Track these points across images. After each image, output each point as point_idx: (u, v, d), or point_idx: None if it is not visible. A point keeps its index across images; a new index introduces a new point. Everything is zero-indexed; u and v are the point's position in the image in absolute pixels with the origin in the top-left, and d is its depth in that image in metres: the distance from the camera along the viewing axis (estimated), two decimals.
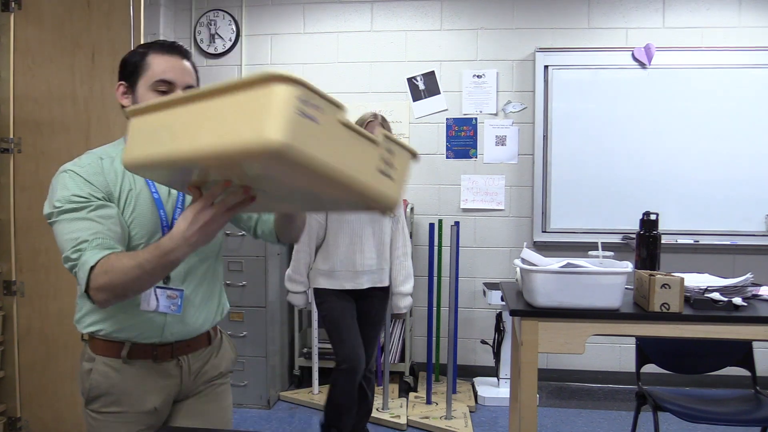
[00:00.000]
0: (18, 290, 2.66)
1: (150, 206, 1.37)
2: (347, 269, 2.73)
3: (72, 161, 1.38)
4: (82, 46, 2.65)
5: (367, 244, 2.74)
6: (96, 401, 1.38)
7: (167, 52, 1.38)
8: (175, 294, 1.41)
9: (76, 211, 1.27)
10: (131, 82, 1.38)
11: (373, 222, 2.76)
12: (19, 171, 2.65)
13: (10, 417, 2.65)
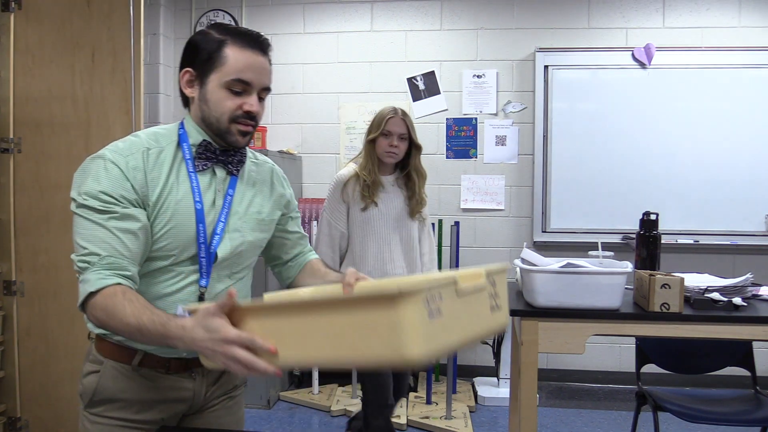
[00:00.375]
0: (18, 290, 2.66)
1: (190, 218, 1.23)
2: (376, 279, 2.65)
3: (113, 145, 1.22)
4: (82, 46, 2.65)
5: (395, 250, 2.57)
6: (99, 405, 1.27)
7: (248, 46, 1.23)
8: None
9: (97, 213, 1.15)
10: (201, 72, 1.23)
11: (401, 227, 2.58)
12: (19, 171, 2.65)
13: (10, 417, 2.65)
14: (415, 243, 2.62)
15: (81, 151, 2.66)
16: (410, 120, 2.56)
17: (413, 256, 2.61)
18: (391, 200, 2.56)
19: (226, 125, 1.23)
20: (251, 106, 1.23)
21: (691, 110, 3.80)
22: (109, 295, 1.10)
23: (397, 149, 2.52)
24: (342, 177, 2.58)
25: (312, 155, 4.11)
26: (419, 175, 2.59)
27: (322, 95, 4.09)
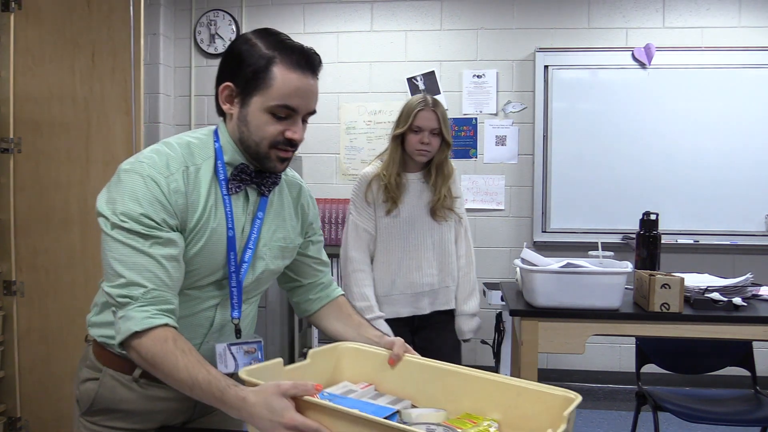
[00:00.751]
0: (18, 290, 2.66)
1: (221, 245, 1.16)
2: (402, 291, 2.25)
3: (148, 158, 1.10)
4: (82, 46, 2.65)
5: (426, 256, 2.25)
6: (97, 415, 1.22)
7: (298, 67, 1.11)
8: (254, 348, 1.22)
9: (139, 237, 1.05)
10: (243, 90, 1.12)
11: (433, 229, 2.26)
12: (19, 171, 2.65)
13: (10, 417, 2.65)
14: (449, 246, 2.30)
15: (81, 151, 2.66)
16: (442, 110, 2.22)
17: (447, 261, 2.30)
18: (417, 200, 2.27)
19: (265, 151, 1.14)
20: (294, 134, 1.15)
21: (691, 110, 3.80)
22: (159, 340, 1.03)
23: (430, 146, 2.19)
24: (366, 176, 2.30)
25: (312, 155, 4.11)
26: (441, 173, 2.26)
27: (322, 95, 4.04)
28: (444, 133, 2.20)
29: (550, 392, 1.02)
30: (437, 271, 2.27)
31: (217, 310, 1.22)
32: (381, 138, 4.06)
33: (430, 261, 2.26)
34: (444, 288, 2.29)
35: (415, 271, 2.25)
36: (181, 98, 4.23)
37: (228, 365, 1.19)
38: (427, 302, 2.27)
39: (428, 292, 2.27)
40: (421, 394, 1.16)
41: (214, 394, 0.99)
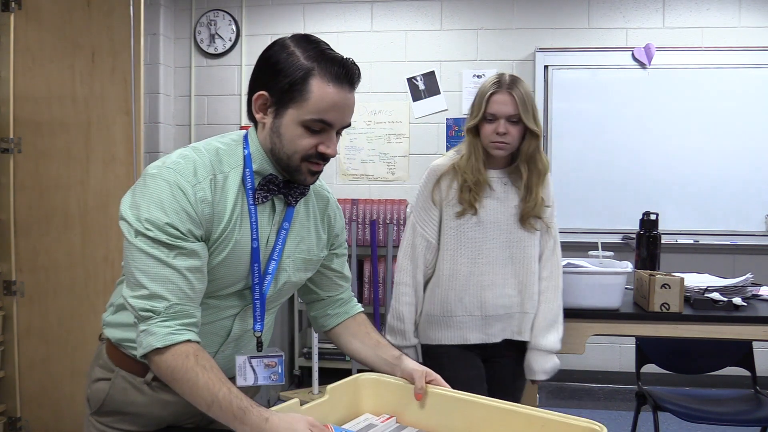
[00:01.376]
0: (18, 290, 2.66)
1: (246, 256, 1.13)
2: (470, 312, 1.82)
3: (174, 163, 1.07)
4: (82, 46, 2.65)
5: (503, 272, 1.83)
6: (107, 416, 1.21)
7: (336, 80, 1.09)
8: (274, 362, 1.19)
9: (163, 247, 1.03)
10: (278, 100, 1.09)
11: (515, 239, 1.83)
12: (19, 171, 2.64)
13: (10, 417, 2.65)
14: (532, 262, 1.85)
15: (81, 151, 2.66)
16: (523, 92, 1.80)
17: (529, 281, 1.84)
18: (499, 204, 1.83)
19: (297, 164, 1.11)
20: (328, 148, 1.10)
21: (691, 110, 3.80)
22: (181, 356, 1.01)
23: (508, 137, 1.76)
24: (435, 169, 1.87)
25: None
26: (534, 170, 1.81)
27: None
28: (525, 120, 1.76)
29: (575, 423, 1.02)
30: (516, 292, 1.84)
31: (235, 320, 1.21)
32: (381, 138, 4.06)
33: (506, 278, 1.83)
34: (521, 314, 1.85)
35: (487, 289, 1.82)
36: (181, 98, 4.23)
37: (248, 378, 1.18)
38: (499, 328, 1.84)
39: (502, 317, 1.83)
40: (444, 425, 1.15)
41: (235, 413, 0.97)
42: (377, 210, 3.84)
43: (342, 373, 3.82)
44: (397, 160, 4.06)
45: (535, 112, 1.79)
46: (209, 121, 4.20)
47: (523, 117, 1.76)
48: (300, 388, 3.84)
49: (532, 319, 1.86)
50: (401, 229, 3.81)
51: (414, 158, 4.05)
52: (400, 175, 4.06)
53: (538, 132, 1.78)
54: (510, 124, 1.76)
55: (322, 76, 1.08)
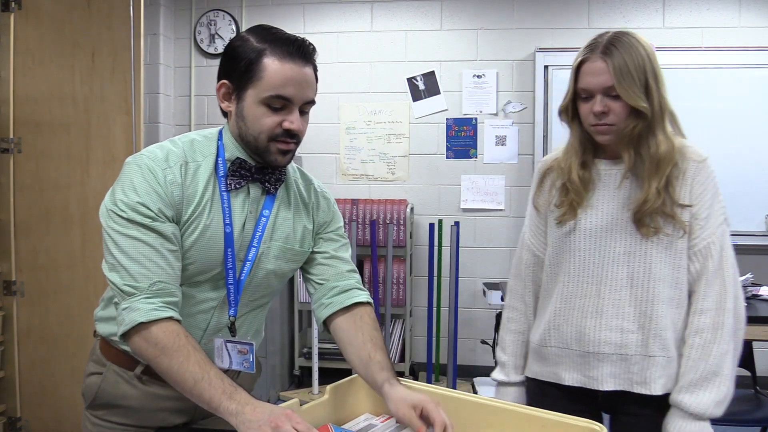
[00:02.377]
0: (18, 290, 2.66)
1: (218, 241, 1.16)
2: (565, 344, 1.40)
3: (151, 152, 1.13)
4: (82, 46, 2.65)
5: (612, 297, 1.35)
6: (100, 409, 1.24)
7: (289, 56, 1.10)
8: (246, 349, 1.21)
9: (140, 227, 1.07)
10: (238, 85, 1.13)
11: (632, 254, 1.34)
12: (19, 171, 2.64)
13: (10, 417, 2.65)
14: (661, 284, 1.33)
15: (81, 151, 2.66)
16: (627, 54, 1.30)
17: (655, 312, 1.32)
18: (613, 205, 1.37)
19: (264, 144, 1.14)
20: (291, 124, 1.14)
21: (691, 110, 3.79)
22: (172, 333, 1.05)
23: (611, 116, 1.32)
24: (539, 166, 1.56)
25: (312, 155, 4.11)
26: (643, 156, 1.33)
27: (322, 95, 4.05)
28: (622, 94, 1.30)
29: (575, 423, 1.02)
30: (635, 326, 1.33)
31: (214, 313, 1.22)
32: (381, 138, 4.06)
33: (621, 306, 1.34)
34: (644, 358, 1.33)
35: (589, 318, 1.37)
36: (181, 98, 4.23)
37: (224, 361, 1.20)
38: (607, 373, 1.36)
39: (610, 357, 1.35)
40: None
41: (225, 389, 1.01)
42: (377, 210, 3.84)
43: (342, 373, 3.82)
44: (397, 160, 4.06)
45: (648, 79, 1.32)
46: (209, 121, 4.20)
47: (619, 89, 1.29)
48: (300, 388, 3.84)
49: (667, 366, 1.32)
50: (401, 229, 3.81)
51: (414, 158, 4.05)
52: (400, 175, 4.06)
53: (641, 109, 1.29)
54: (610, 99, 1.32)
55: (274, 54, 1.10)
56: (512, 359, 1.53)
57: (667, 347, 1.32)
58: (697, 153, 1.37)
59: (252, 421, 0.97)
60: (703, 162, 1.37)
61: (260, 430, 0.96)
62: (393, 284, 3.78)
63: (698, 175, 1.35)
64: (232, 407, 0.99)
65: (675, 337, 1.33)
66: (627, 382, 1.35)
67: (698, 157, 1.37)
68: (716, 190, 1.35)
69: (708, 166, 1.37)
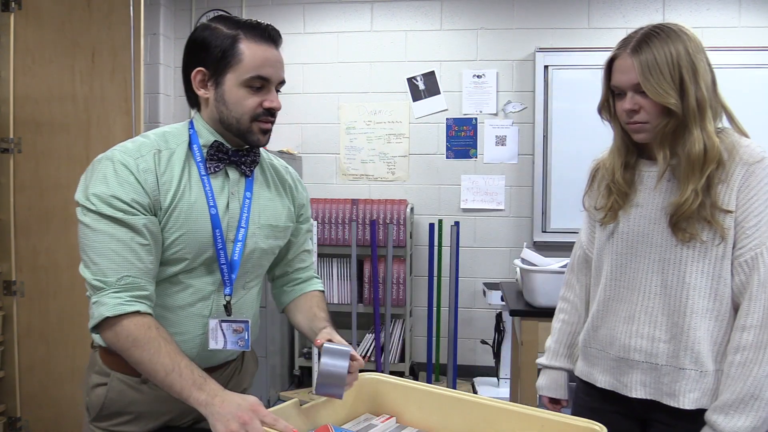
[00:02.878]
0: (18, 290, 2.66)
1: (204, 223, 1.18)
2: (603, 347, 1.39)
3: (122, 145, 1.16)
4: (82, 46, 2.65)
5: (645, 304, 1.32)
6: (108, 420, 1.23)
7: (262, 39, 1.16)
8: (241, 327, 1.24)
9: (110, 221, 1.09)
10: (215, 71, 1.16)
11: (666, 261, 1.29)
12: (19, 171, 2.65)
13: (10, 417, 2.65)
14: (694, 293, 1.26)
15: (81, 151, 2.66)
16: (657, 50, 1.28)
17: (687, 323, 1.26)
18: (653, 206, 1.32)
19: (247, 125, 1.19)
20: (272, 102, 1.19)
21: None
22: (143, 326, 1.08)
23: (643, 114, 1.29)
24: (593, 165, 1.53)
25: (312, 155, 4.11)
26: (679, 155, 1.27)
27: (322, 95, 4.09)
28: (647, 91, 1.25)
29: (575, 423, 1.02)
30: (667, 336, 1.29)
31: (214, 298, 1.24)
32: (381, 138, 4.06)
33: (653, 314, 1.31)
34: (675, 370, 1.28)
35: (622, 323, 1.35)
36: (181, 98, 4.23)
37: (218, 341, 1.23)
38: (637, 381, 1.33)
39: (640, 365, 1.32)
40: (444, 425, 1.16)
41: (195, 380, 1.04)
42: (377, 210, 3.84)
43: None
44: (397, 160, 4.06)
45: (683, 74, 1.27)
46: None
47: (645, 86, 1.25)
48: (300, 388, 3.84)
49: (700, 380, 1.26)
50: (401, 229, 3.81)
51: (414, 158, 4.05)
52: (400, 175, 4.06)
53: (670, 106, 1.24)
54: (640, 97, 1.28)
55: (248, 38, 1.16)
56: (555, 346, 1.53)
57: (700, 361, 1.25)
58: (750, 153, 1.26)
59: (220, 414, 1.01)
60: (757, 164, 1.24)
61: (228, 424, 1.00)
62: (393, 284, 3.78)
63: (749, 178, 1.24)
64: (201, 398, 1.03)
65: (713, 351, 1.26)
66: (657, 392, 1.31)
67: (751, 158, 1.25)
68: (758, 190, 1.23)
69: (764, 169, 1.24)
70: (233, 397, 1.04)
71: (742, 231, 1.23)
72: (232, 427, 0.99)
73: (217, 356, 1.28)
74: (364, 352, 3.82)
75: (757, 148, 1.27)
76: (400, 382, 1.23)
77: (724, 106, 1.34)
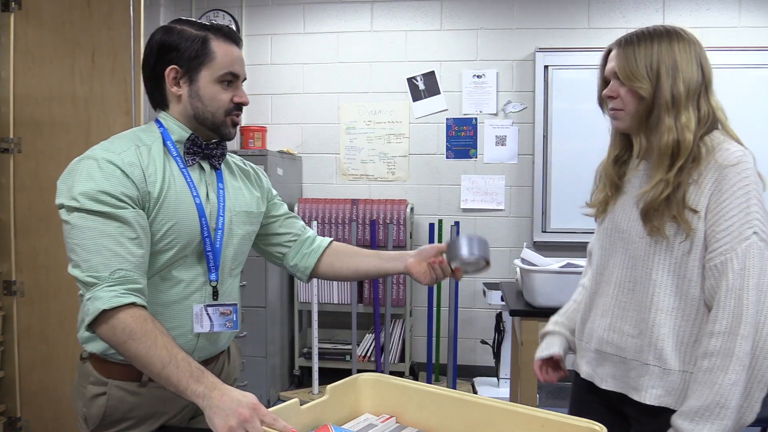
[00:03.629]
0: (18, 290, 2.66)
1: (192, 212, 1.22)
2: (586, 339, 1.45)
3: (101, 145, 1.18)
4: (82, 46, 2.65)
5: (618, 299, 1.35)
6: (110, 428, 1.24)
7: (229, 39, 1.25)
8: (229, 310, 1.28)
9: (99, 216, 1.10)
10: (188, 69, 1.22)
11: (637, 257, 1.31)
12: (19, 171, 2.65)
13: (10, 417, 2.65)
14: (658, 291, 1.27)
15: (81, 151, 2.61)
16: (641, 45, 1.30)
17: (652, 319, 1.28)
18: (631, 204, 1.34)
19: (221, 119, 1.25)
20: (241, 97, 1.27)
21: None
22: (139, 318, 1.08)
23: (618, 100, 1.34)
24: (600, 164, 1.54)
25: (312, 155, 4.11)
26: (658, 149, 1.27)
27: (322, 95, 4.09)
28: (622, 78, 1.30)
29: (575, 423, 1.02)
30: (636, 330, 1.31)
31: (205, 290, 1.27)
32: (381, 138, 4.06)
33: (625, 308, 1.34)
34: (641, 365, 1.30)
35: (599, 317, 1.39)
36: None
37: (204, 325, 1.25)
38: (608, 373, 1.37)
39: (612, 358, 1.36)
40: (444, 425, 1.16)
41: (192, 372, 1.04)
42: (377, 210, 3.84)
43: (342, 373, 3.82)
44: (397, 160, 4.06)
45: (660, 69, 1.28)
46: None
47: (620, 71, 1.30)
48: (300, 388, 3.84)
49: (665, 378, 1.26)
50: (401, 229, 3.81)
51: (414, 158, 4.05)
52: (400, 175, 4.06)
53: (639, 90, 1.27)
54: (619, 84, 1.32)
55: (217, 38, 1.24)
56: (557, 317, 1.59)
57: (663, 358, 1.26)
58: (726, 157, 1.22)
59: (219, 407, 1.00)
60: (732, 167, 1.20)
61: (226, 419, 0.99)
62: (393, 284, 3.78)
63: (722, 182, 1.21)
64: (199, 390, 1.03)
65: (678, 350, 1.26)
66: (625, 385, 1.34)
67: (725, 161, 1.21)
68: (747, 200, 1.19)
69: (738, 173, 1.20)
70: (233, 392, 1.03)
71: (713, 235, 1.21)
72: (231, 423, 0.98)
73: (213, 346, 1.31)
74: (364, 352, 3.82)
75: (737, 152, 1.23)
76: (400, 382, 1.23)
77: (716, 111, 1.32)
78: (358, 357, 3.77)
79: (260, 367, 3.50)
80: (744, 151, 1.24)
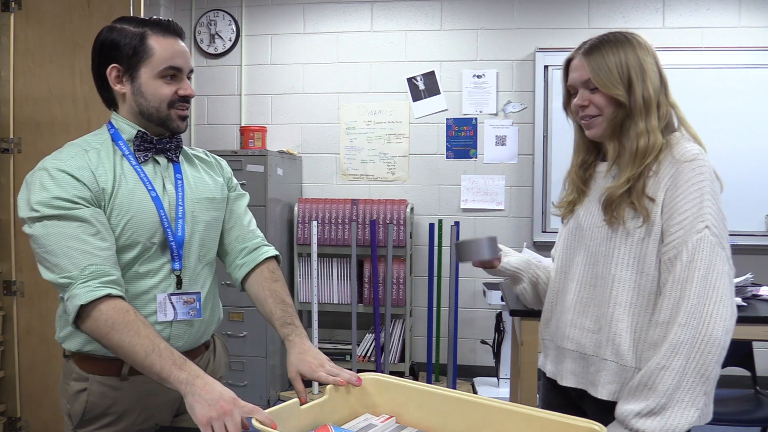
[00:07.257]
0: (18, 290, 2.66)
1: (148, 206, 1.25)
2: (551, 336, 1.47)
3: (51, 156, 1.23)
4: (82, 46, 2.65)
5: (581, 295, 1.38)
6: (91, 424, 1.27)
7: (168, 33, 1.27)
8: (192, 298, 1.31)
9: (57, 220, 1.14)
10: (129, 67, 1.25)
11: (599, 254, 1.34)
12: (19, 171, 2.65)
13: (10, 417, 2.65)
14: (616, 286, 1.30)
15: None
16: (606, 53, 1.38)
17: (611, 314, 1.30)
18: (596, 204, 1.39)
19: (166, 112, 1.27)
20: (185, 90, 1.28)
21: (690, 110, 3.75)
22: (122, 311, 1.12)
23: (592, 108, 1.38)
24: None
25: (312, 155, 4.11)
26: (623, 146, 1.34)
27: (322, 95, 4.09)
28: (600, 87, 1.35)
29: (575, 423, 1.02)
30: (595, 326, 1.33)
31: (173, 279, 1.30)
32: (381, 138, 4.06)
33: (586, 304, 1.36)
34: (599, 361, 1.32)
35: (564, 313, 1.41)
36: None
37: (167, 314, 1.28)
38: (569, 370, 1.39)
39: (573, 354, 1.38)
40: (444, 425, 1.16)
41: (175, 361, 1.07)
42: (377, 210, 3.84)
43: None
44: (397, 160, 4.06)
45: (630, 73, 1.34)
46: (209, 121, 4.20)
47: (594, 80, 1.35)
48: None
49: (621, 373, 1.29)
50: (401, 229, 3.81)
51: (414, 158, 4.05)
52: (400, 175, 4.06)
53: (617, 96, 1.32)
54: (590, 93, 1.38)
55: (155, 33, 1.25)
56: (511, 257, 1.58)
57: (620, 353, 1.28)
58: (682, 152, 1.29)
59: (201, 396, 1.03)
60: (687, 163, 1.27)
61: (208, 410, 1.01)
62: (393, 284, 3.78)
63: (677, 177, 1.26)
64: (182, 376, 1.06)
65: (633, 347, 1.27)
66: (584, 381, 1.36)
67: (682, 156, 1.28)
68: (701, 195, 1.24)
69: (693, 168, 1.27)
70: (216, 385, 1.06)
71: (667, 229, 1.24)
72: (211, 414, 1.01)
73: (191, 340, 1.33)
74: (364, 352, 3.82)
75: (694, 149, 1.29)
76: (400, 382, 1.23)
77: (674, 107, 1.41)
78: (358, 357, 3.77)
79: (260, 367, 3.50)
80: (700, 149, 1.31)
